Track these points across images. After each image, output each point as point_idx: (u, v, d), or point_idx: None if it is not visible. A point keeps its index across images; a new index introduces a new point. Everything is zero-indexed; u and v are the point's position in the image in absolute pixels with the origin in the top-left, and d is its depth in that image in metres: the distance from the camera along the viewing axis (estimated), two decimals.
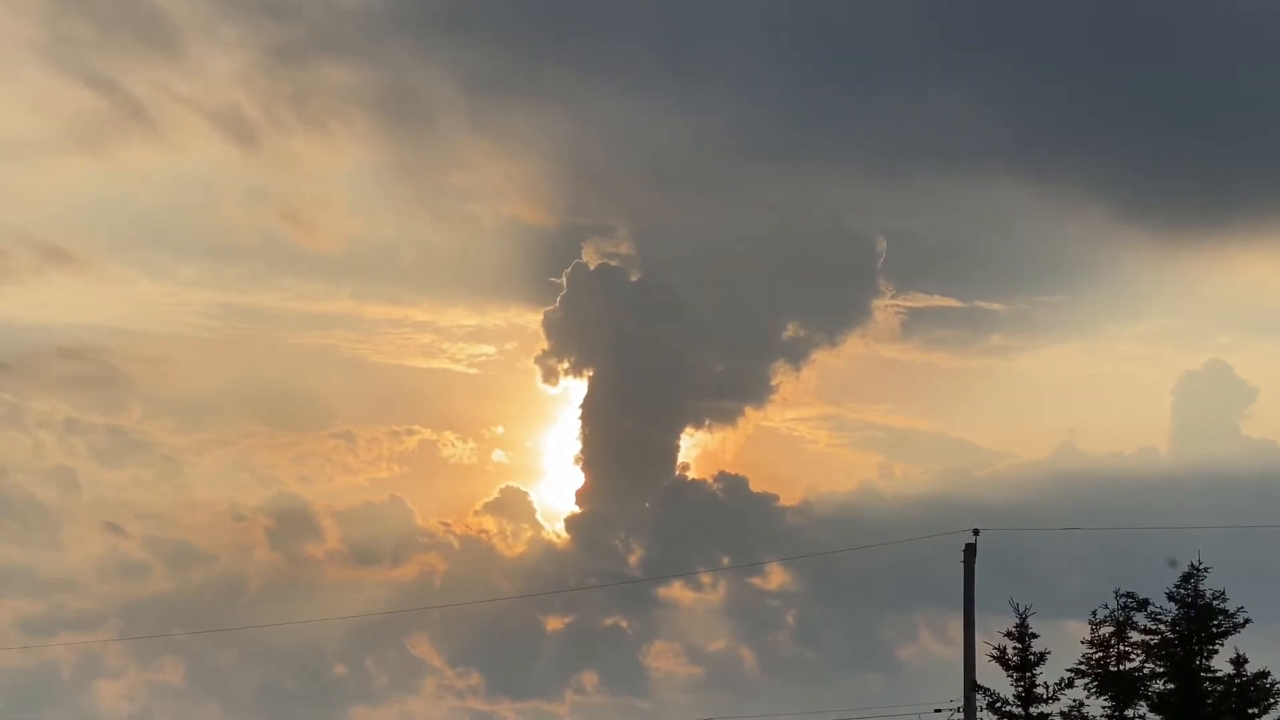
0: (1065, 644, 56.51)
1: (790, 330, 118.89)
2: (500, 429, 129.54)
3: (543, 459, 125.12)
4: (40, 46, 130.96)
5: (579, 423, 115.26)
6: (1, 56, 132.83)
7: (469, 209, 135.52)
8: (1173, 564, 55.25)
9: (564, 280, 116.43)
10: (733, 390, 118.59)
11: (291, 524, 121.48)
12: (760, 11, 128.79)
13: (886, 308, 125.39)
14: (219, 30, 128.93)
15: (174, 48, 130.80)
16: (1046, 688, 55.45)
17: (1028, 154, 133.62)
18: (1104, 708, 55.30)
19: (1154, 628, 55.15)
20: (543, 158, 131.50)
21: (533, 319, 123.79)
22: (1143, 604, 55.12)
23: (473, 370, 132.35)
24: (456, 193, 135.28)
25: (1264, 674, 54.37)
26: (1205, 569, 54.61)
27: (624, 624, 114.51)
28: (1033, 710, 55.45)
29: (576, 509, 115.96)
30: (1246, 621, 54.68)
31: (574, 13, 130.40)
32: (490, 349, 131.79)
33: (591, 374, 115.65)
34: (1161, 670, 55.02)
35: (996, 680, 55.71)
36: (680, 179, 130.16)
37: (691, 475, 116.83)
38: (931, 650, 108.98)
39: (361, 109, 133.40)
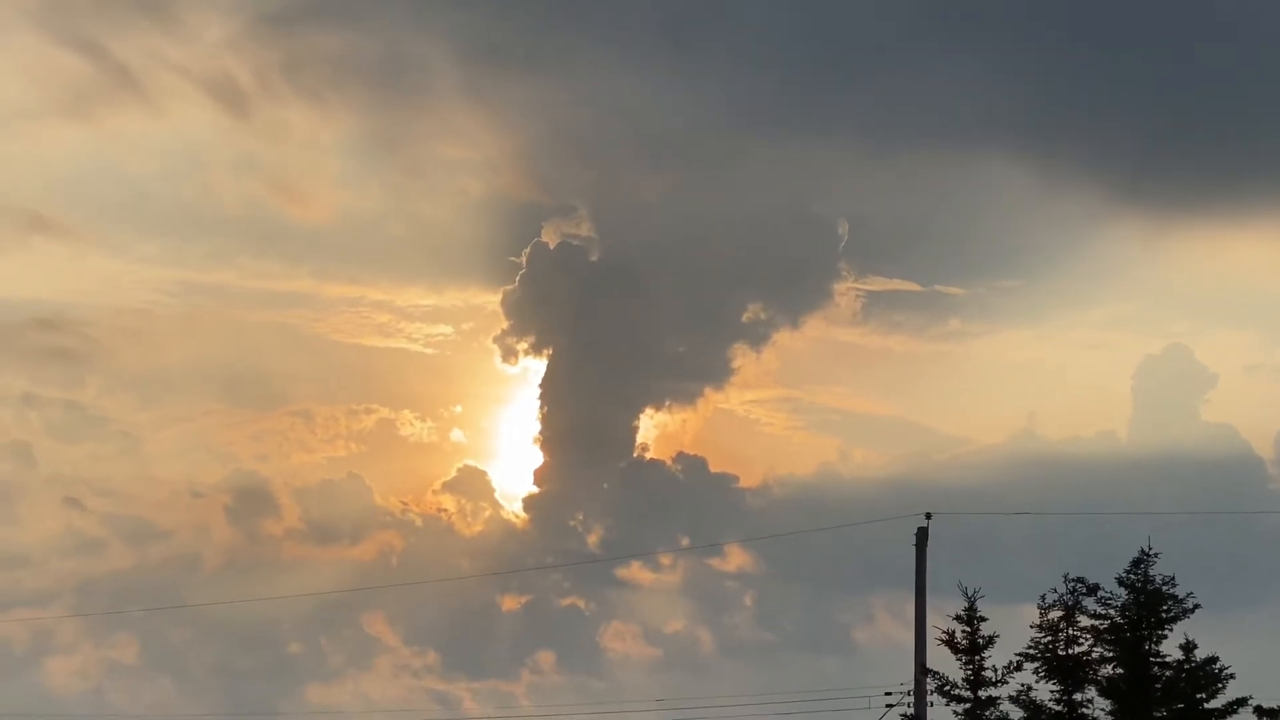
0: (1017, 628, 56.49)
1: (751, 312, 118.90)
2: (459, 408, 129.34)
3: (501, 438, 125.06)
4: (33, 12, 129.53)
5: (538, 402, 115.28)
6: None
7: (455, 183, 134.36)
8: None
9: (523, 259, 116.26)
10: (692, 371, 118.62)
11: (249, 501, 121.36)
12: None
13: (847, 291, 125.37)
14: None
15: (166, 13, 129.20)
16: (995, 671, 55.45)
17: (1024, 134, 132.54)
18: (1052, 692, 55.19)
19: (1103, 612, 55.03)
20: (520, 133, 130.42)
21: (491, 299, 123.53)
22: (1093, 589, 54.91)
23: (430, 350, 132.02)
24: (444, 166, 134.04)
25: (1213, 659, 54.22)
26: (1155, 554, 54.49)
27: (581, 604, 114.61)
28: (981, 694, 55.40)
29: (535, 489, 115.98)
30: (1196, 607, 54.56)
31: None
32: (448, 329, 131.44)
33: (550, 354, 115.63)
34: (1110, 655, 54.86)
35: (949, 664, 55.85)
36: (659, 157, 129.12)
37: (650, 456, 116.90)
38: (887, 633, 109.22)
39: (355, 77, 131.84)
